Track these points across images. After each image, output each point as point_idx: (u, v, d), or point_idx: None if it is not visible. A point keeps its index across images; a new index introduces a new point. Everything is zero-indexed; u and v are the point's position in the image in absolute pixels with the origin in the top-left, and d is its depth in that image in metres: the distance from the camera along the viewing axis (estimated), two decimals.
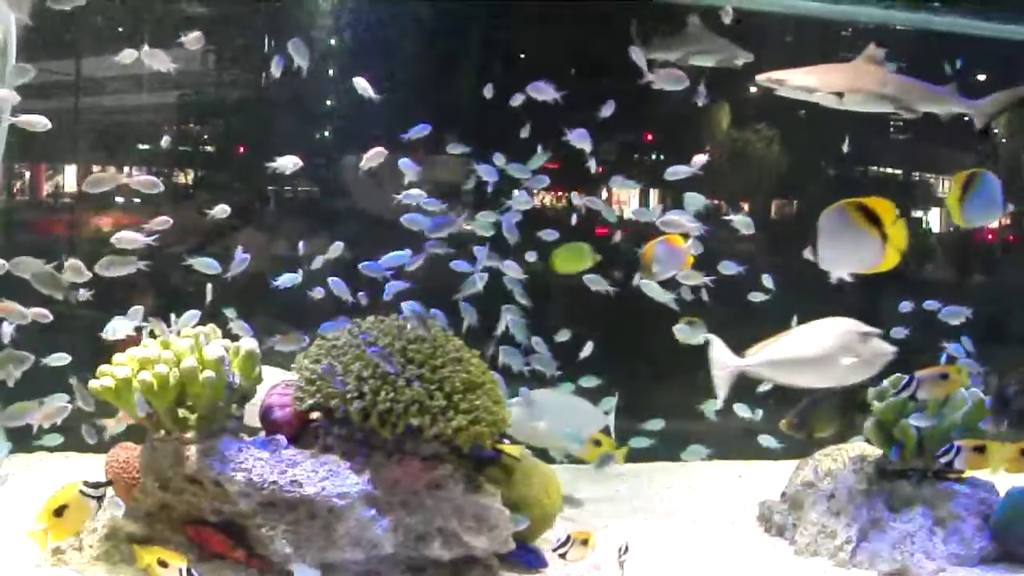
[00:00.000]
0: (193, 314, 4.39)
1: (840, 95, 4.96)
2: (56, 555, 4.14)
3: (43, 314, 4.23)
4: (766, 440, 5.48)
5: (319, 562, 3.92)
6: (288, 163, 4.65)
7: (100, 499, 3.92)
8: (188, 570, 3.68)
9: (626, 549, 4.10)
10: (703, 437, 5.50)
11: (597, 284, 4.90)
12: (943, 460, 4.42)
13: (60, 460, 5.32)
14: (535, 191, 4.95)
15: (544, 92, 4.55)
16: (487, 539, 4.13)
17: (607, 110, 4.81)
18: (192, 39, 4.47)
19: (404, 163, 4.60)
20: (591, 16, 6.00)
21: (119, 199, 5.98)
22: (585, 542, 4.05)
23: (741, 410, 5.25)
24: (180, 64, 4.53)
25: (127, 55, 4.42)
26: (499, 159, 4.86)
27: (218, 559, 3.95)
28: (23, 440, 5.20)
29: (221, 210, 4.65)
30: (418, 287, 4.47)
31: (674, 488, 5.72)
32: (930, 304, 5.29)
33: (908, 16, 6.84)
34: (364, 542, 3.96)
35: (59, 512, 3.87)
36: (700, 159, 4.80)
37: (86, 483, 3.90)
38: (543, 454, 4.97)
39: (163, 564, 3.73)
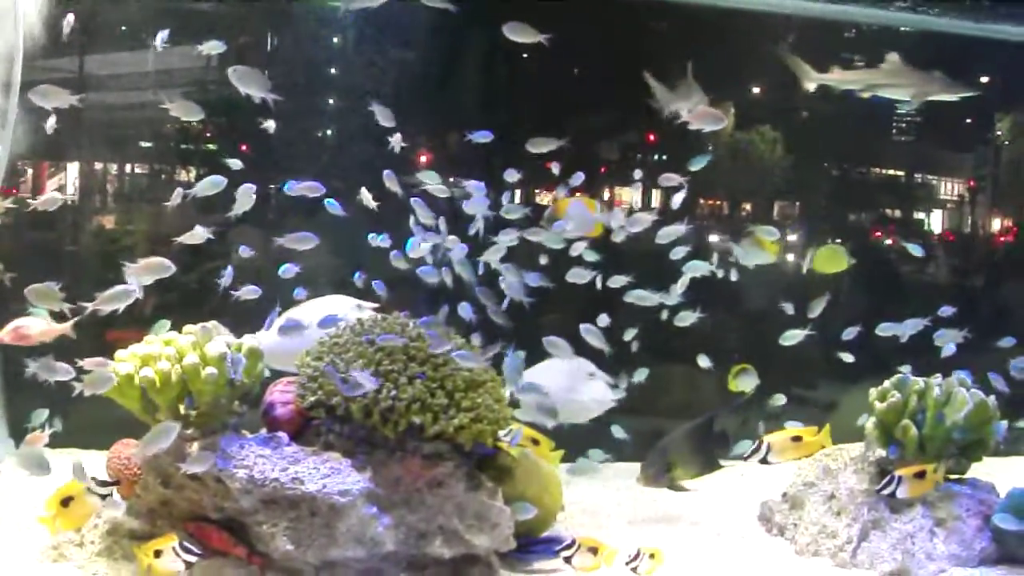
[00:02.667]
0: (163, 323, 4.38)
1: None
2: (57, 551, 4.15)
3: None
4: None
5: (320, 560, 3.92)
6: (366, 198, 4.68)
7: (105, 498, 3.96)
8: (180, 544, 3.73)
9: (637, 555, 4.09)
10: None
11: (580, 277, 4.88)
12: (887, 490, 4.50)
13: (63, 456, 5.30)
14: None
15: (524, 33, 4.17)
16: (488, 537, 4.13)
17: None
18: (210, 46, 4.45)
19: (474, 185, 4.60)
20: (591, 17, 6.02)
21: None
22: (594, 551, 4.05)
23: None
24: (183, 62, 4.55)
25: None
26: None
27: (219, 556, 3.94)
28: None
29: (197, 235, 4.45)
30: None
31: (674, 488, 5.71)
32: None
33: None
34: (365, 540, 3.96)
35: (65, 503, 3.93)
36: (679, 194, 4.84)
37: (94, 479, 3.95)
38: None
39: (158, 554, 3.75)
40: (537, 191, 6.14)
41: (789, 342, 5.10)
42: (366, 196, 4.84)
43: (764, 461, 4.53)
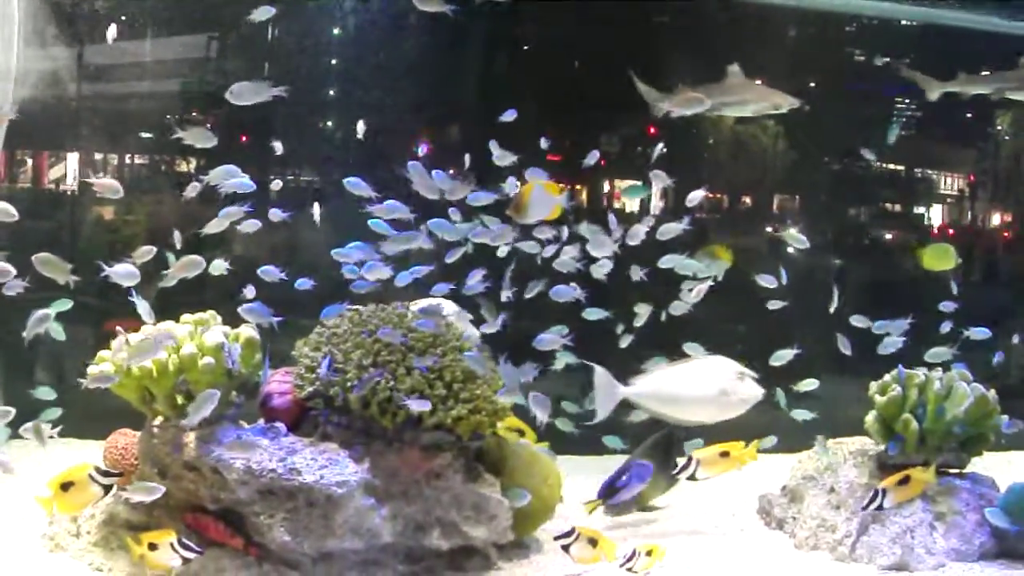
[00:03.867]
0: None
1: None
2: (53, 541, 4.14)
3: None
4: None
5: (317, 550, 3.91)
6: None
7: (107, 489, 3.93)
8: (179, 540, 3.71)
9: (633, 555, 4.07)
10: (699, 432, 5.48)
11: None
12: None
13: (60, 447, 5.29)
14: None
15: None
16: (486, 529, 4.13)
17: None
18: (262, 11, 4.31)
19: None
20: (593, 11, 6.01)
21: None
22: (593, 542, 4.03)
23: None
24: (184, 52, 4.52)
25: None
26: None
27: (216, 547, 3.94)
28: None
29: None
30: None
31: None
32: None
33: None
34: (363, 531, 3.96)
35: (65, 487, 3.87)
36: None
37: (97, 468, 3.92)
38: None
39: (153, 547, 3.73)
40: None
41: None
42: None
43: (692, 478, 4.50)
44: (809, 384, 5.21)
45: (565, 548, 4.01)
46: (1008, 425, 4.76)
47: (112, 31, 5.74)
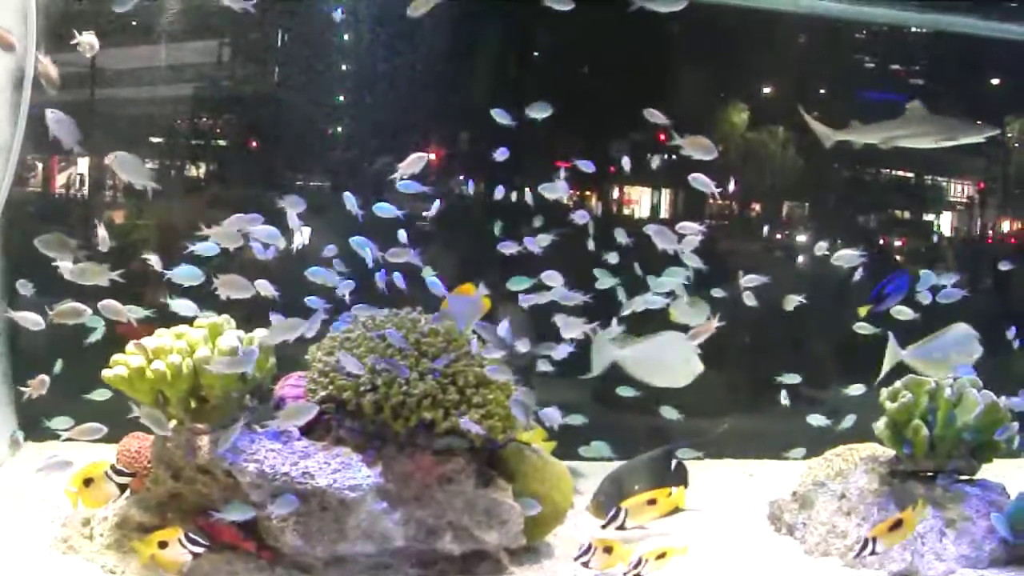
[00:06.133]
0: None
1: None
2: (66, 543, 4.15)
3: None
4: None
5: (330, 554, 3.92)
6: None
7: (123, 488, 4.03)
8: (186, 535, 3.74)
9: (639, 563, 4.09)
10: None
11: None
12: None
13: (71, 449, 5.31)
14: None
15: None
16: (498, 534, 4.13)
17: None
18: None
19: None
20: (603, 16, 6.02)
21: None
22: (608, 550, 4.05)
23: None
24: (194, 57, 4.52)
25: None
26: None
27: (229, 550, 3.95)
28: (34, 429, 5.24)
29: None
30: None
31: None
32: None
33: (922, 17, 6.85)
34: (375, 535, 3.96)
35: (87, 483, 4.06)
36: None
37: (112, 467, 4.03)
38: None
39: (163, 545, 3.76)
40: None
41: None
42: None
43: (622, 527, 4.53)
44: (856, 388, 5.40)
45: (585, 564, 4.04)
46: (1001, 432, 4.76)
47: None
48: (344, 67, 6.15)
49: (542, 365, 4.83)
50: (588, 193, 6.83)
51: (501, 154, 4.92)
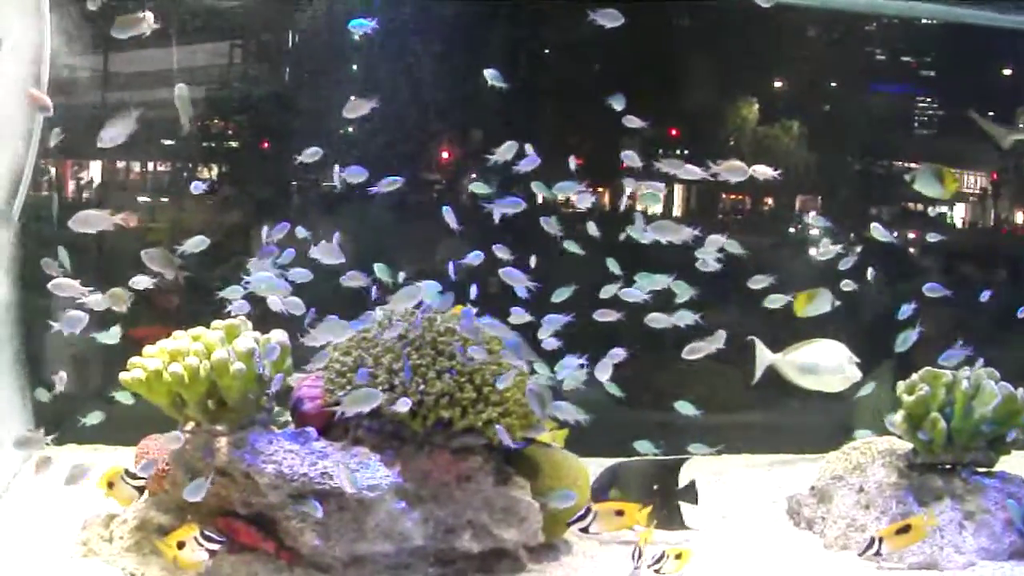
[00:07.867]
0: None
1: None
2: (86, 546, 4.16)
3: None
4: None
5: (349, 554, 3.93)
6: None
7: (140, 490, 4.17)
8: (202, 532, 3.77)
9: (639, 555, 4.08)
10: (734, 430, 5.51)
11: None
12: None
13: (90, 453, 5.33)
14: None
15: None
16: (517, 531, 4.13)
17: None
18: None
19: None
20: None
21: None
22: (620, 513, 4.14)
23: None
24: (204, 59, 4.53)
25: None
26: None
27: (248, 551, 3.95)
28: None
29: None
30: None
31: (701, 481, 5.71)
32: None
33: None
34: (394, 534, 3.97)
35: (111, 485, 4.23)
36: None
37: (127, 471, 4.14)
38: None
39: (181, 545, 3.77)
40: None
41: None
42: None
43: (584, 530, 4.33)
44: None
45: (584, 530, 4.04)
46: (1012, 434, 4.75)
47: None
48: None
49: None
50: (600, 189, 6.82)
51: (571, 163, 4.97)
